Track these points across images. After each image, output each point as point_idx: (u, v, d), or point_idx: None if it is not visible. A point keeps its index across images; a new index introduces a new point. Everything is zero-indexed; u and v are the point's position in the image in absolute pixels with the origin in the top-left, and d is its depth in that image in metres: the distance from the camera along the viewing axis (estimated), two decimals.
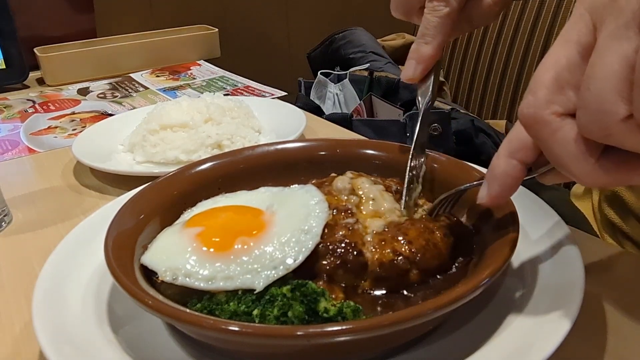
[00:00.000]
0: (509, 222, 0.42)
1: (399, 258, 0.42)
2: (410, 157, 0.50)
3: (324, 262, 0.42)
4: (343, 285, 0.42)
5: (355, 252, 0.42)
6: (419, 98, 0.52)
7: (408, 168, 0.49)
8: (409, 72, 0.51)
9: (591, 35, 0.31)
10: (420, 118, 0.51)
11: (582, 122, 0.30)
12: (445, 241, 0.44)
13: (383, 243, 0.43)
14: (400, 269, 0.42)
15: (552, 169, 0.35)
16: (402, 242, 0.43)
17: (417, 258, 0.42)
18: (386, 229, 0.44)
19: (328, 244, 0.42)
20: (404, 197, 0.48)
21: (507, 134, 0.37)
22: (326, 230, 0.43)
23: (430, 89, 0.51)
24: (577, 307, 0.38)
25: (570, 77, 0.32)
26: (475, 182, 0.44)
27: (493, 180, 0.37)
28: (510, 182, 0.36)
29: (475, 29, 0.53)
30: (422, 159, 0.51)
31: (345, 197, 0.47)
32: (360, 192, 0.47)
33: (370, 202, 0.47)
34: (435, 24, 0.49)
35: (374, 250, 0.42)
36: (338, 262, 0.41)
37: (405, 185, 0.48)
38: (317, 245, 0.42)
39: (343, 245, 0.42)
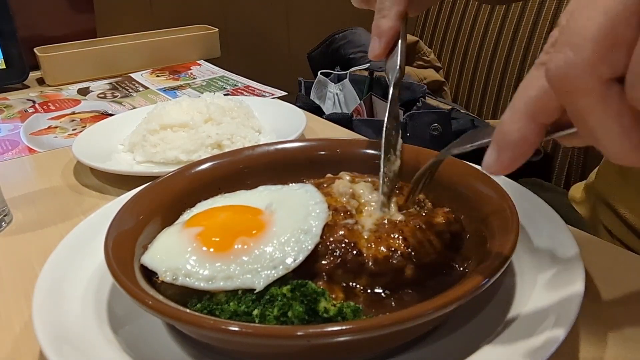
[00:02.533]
0: (509, 222, 0.42)
1: (394, 255, 0.42)
2: (384, 128, 0.50)
3: (324, 262, 0.42)
4: (343, 285, 0.42)
5: (354, 252, 0.42)
6: (388, 74, 0.52)
7: (383, 141, 0.50)
8: (373, 48, 0.51)
9: None
10: (390, 93, 0.51)
11: (636, 94, 0.24)
12: (442, 237, 0.44)
13: (379, 240, 0.43)
14: (395, 265, 0.42)
15: (576, 132, 0.29)
16: (396, 238, 0.43)
17: (412, 254, 0.42)
18: (385, 225, 0.44)
19: (327, 243, 0.42)
20: (381, 168, 0.48)
21: (520, 87, 0.30)
22: (325, 230, 0.43)
23: (398, 63, 0.50)
24: (577, 307, 0.38)
25: (626, 30, 0.24)
26: (467, 145, 0.38)
27: (507, 146, 0.31)
28: (526, 148, 0.30)
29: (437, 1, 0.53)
30: (396, 135, 0.51)
31: (345, 200, 0.47)
32: (363, 200, 0.47)
33: (370, 207, 0.47)
34: None
35: (369, 246, 0.42)
36: (337, 261, 0.41)
37: (382, 158, 0.49)
38: (317, 245, 0.42)
39: (342, 245, 0.42)
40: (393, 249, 0.42)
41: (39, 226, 0.65)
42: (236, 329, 0.34)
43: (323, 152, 0.58)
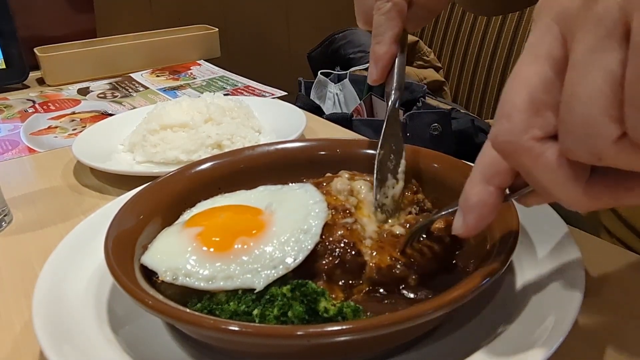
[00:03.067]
0: (509, 222, 0.42)
1: (397, 265, 0.42)
2: (377, 153, 0.49)
3: (323, 262, 0.42)
4: (341, 283, 0.42)
5: (353, 252, 0.42)
6: (386, 98, 0.52)
7: (376, 166, 0.49)
8: (370, 74, 0.51)
9: (562, 48, 0.28)
10: (386, 118, 0.51)
11: (567, 146, 0.27)
12: (443, 242, 0.44)
13: (381, 248, 0.43)
14: (398, 276, 0.42)
15: (533, 191, 0.33)
16: (397, 251, 0.43)
17: (415, 265, 0.42)
18: (385, 234, 0.44)
19: (327, 243, 0.42)
20: (374, 196, 0.47)
21: (477, 159, 0.34)
22: (325, 230, 0.43)
23: (394, 85, 0.50)
24: (576, 308, 0.38)
25: (546, 97, 0.28)
26: (447, 211, 0.40)
27: (469, 210, 0.34)
28: (487, 210, 0.34)
29: (439, 14, 0.53)
30: (398, 156, 0.50)
31: (344, 198, 0.47)
32: (362, 197, 0.47)
33: (368, 205, 0.47)
34: (382, 22, 0.49)
35: (372, 255, 0.42)
36: (336, 261, 0.41)
37: (375, 184, 0.48)
38: (317, 244, 0.42)
39: (342, 245, 0.42)
40: (395, 258, 0.42)
41: (39, 226, 0.65)
42: (236, 328, 0.34)
43: (323, 152, 0.58)
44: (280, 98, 1.07)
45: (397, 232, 0.45)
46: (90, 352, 0.39)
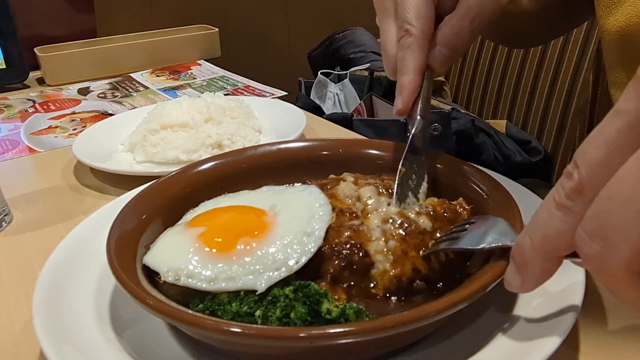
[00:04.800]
0: (513, 223, 0.42)
1: (417, 280, 0.42)
2: (398, 172, 0.49)
3: (330, 264, 0.41)
4: (345, 286, 0.42)
5: (360, 254, 0.42)
6: (409, 125, 0.51)
7: (397, 181, 0.48)
8: (396, 105, 0.50)
9: None
10: (408, 144, 0.50)
11: None
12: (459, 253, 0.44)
13: (404, 254, 0.42)
14: (415, 290, 0.42)
15: None
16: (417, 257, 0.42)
17: (433, 276, 0.42)
18: (411, 227, 0.43)
19: (334, 245, 0.42)
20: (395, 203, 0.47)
21: (539, 220, 0.32)
22: (330, 232, 0.43)
23: (418, 112, 0.50)
24: (577, 308, 0.38)
25: None
26: (497, 245, 0.39)
27: (528, 278, 0.34)
28: (548, 276, 0.34)
29: (464, 54, 0.51)
30: (420, 179, 0.50)
31: (350, 202, 0.47)
32: (368, 204, 0.47)
33: (375, 212, 0.46)
34: (405, 55, 0.48)
35: (392, 261, 0.42)
36: (344, 263, 0.41)
37: (395, 199, 0.47)
38: (323, 246, 0.42)
39: (349, 246, 0.42)
40: (416, 270, 0.42)
41: (39, 226, 0.65)
42: (238, 330, 0.34)
43: (325, 152, 0.58)
44: (281, 98, 1.07)
45: (424, 228, 0.44)
46: (90, 352, 0.39)
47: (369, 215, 0.45)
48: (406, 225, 0.44)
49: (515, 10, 0.66)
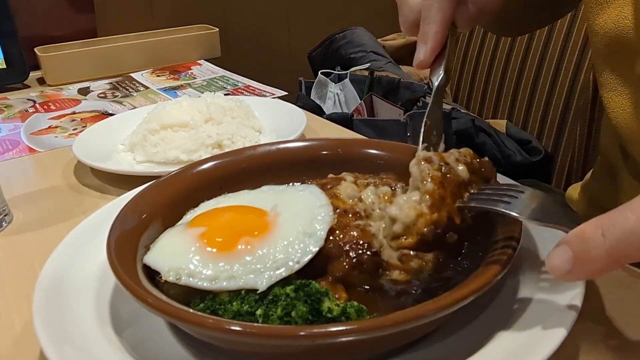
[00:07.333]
0: (513, 223, 0.42)
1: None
2: (423, 124, 0.48)
3: (339, 263, 0.41)
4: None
5: (369, 252, 0.41)
6: (432, 79, 0.49)
7: (422, 131, 0.47)
8: (417, 56, 0.48)
9: None
10: (432, 96, 0.49)
11: None
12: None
13: (441, 199, 0.41)
14: (446, 241, 0.42)
15: None
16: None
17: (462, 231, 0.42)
18: (449, 172, 0.42)
19: (341, 244, 0.42)
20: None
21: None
22: (335, 232, 0.43)
23: (443, 69, 0.48)
24: (576, 308, 0.38)
25: None
26: (555, 225, 0.37)
27: (583, 273, 0.32)
28: (596, 277, 0.34)
29: (491, 17, 0.49)
30: (439, 137, 0.49)
31: (352, 202, 0.47)
32: (369, 200, 0.47)
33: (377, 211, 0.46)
34: (432, 4, 0.46)
35: (429, 205, 0.41)
36: (353, 262, 0.41)
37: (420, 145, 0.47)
38: (329, 246, 0.42)
39: (357, 245, 0.42)
40: (450, 217, 0.42)
41: (40, 226, 0.65)
42: (239, 329, 0.34)
43: (325, 152, 0.58)
44: (281, 98, 1.07)
45: (462, 177, 0.42)
46: (90, 352, 0.39)
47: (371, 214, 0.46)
48: (444, 170, 0.42)
49: None
